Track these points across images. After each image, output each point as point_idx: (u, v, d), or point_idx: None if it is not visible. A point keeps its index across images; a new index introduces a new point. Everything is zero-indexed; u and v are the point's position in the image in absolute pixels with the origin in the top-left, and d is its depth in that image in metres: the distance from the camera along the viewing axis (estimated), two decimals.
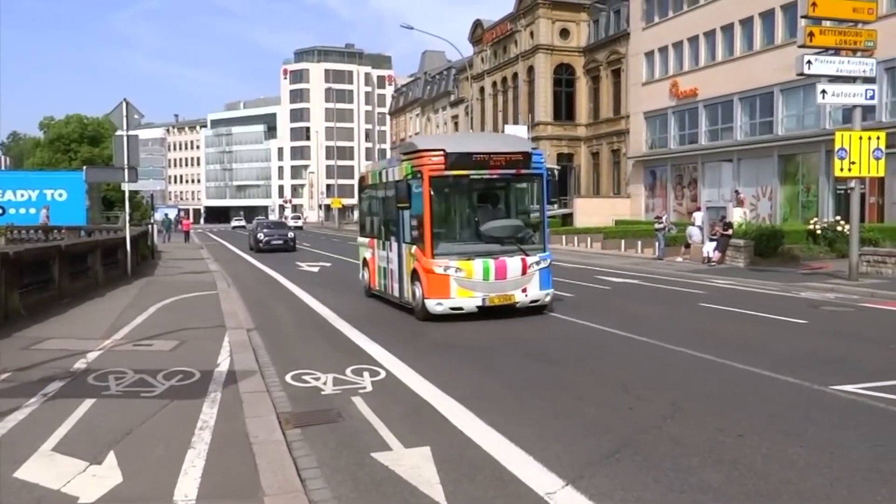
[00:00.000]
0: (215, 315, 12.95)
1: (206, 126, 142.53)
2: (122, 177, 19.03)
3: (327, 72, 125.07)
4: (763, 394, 7.76)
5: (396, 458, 5.82)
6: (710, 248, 23.99)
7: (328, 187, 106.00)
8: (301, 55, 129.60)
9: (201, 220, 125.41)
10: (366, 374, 8.76)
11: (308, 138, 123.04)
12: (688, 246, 26.24)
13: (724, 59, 37.93)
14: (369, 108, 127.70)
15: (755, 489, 5.16)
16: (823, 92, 16.97)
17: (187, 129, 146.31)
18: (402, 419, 6.96)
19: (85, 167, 33.70)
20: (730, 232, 23.68)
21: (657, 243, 27.51)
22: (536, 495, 5.09)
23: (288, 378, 8.58)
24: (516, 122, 49.28)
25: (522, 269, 12.98)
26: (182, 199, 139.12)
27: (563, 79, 51.36)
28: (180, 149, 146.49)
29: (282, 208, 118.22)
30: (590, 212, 44.82)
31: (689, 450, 5.96)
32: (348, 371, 8.88)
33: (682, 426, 6.64)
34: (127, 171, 18.74)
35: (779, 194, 34.86)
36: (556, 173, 14.01)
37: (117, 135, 19.46)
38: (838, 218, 23.85)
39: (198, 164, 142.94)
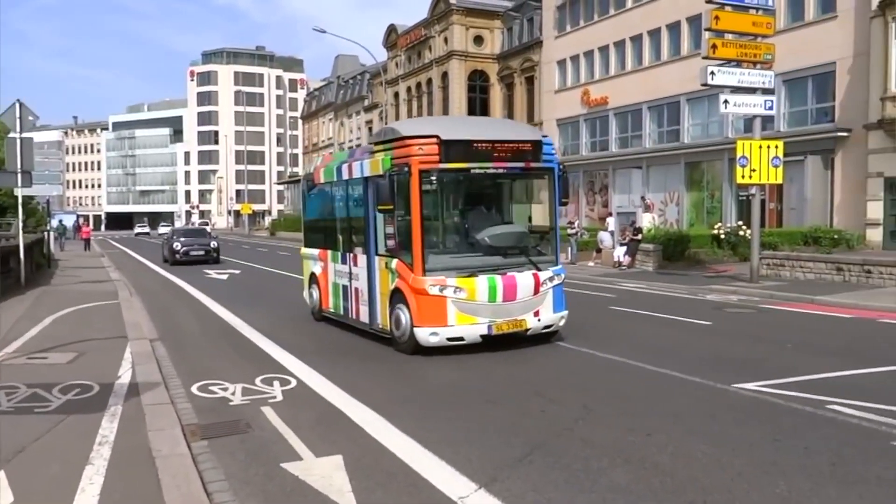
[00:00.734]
0: (117, 325, 12.43)
1: (107, 129, 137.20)
2: (16, 181, 18.06)
3: (237, 74, 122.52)
4: (670, 394, 7.97)
5: (307, 468, 5.70)
6: (620, 253, 24.60)
7: (238, 192, 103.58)
8: (209, 56, 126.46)
9: (102, 227, 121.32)
10: (276, 382, 8.56)
11: (217, 142, 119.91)
12: (599, 251, 26.84)
13: (633, 68, 39.03)
14: (281, 111, 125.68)
15: (661, 486, 5.28)
16: (726, 102, 17.63)
17: (87, 131, 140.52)
18: (314, 428, 6.83)
19: None
20: (639, 237, 24.38)
21: (569, 248, 28.02)
22: (449, 500, 5.09)
23: (194, 389, 8.29)
24: None
25: (535, 288, 10.50)
26: (81, 204, 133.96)
27: (478, 85, 51.87)
28: (79, 152, 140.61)
29: (188, 214, 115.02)
30: None
31: (599, 450, 6.06)
32: (258, 380, 8.66)
33: (592, 427, 6.76)
34: (20, 175, 17.78)
35: (685, 200, 36.10)
36: (566, 168, 11.63)
37: (10, 137, 18.47)
38: (741, 223, 24.79)
39: (98, 168, 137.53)
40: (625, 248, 24.49)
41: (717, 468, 5.62)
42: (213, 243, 31.54)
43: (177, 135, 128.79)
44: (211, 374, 9.08)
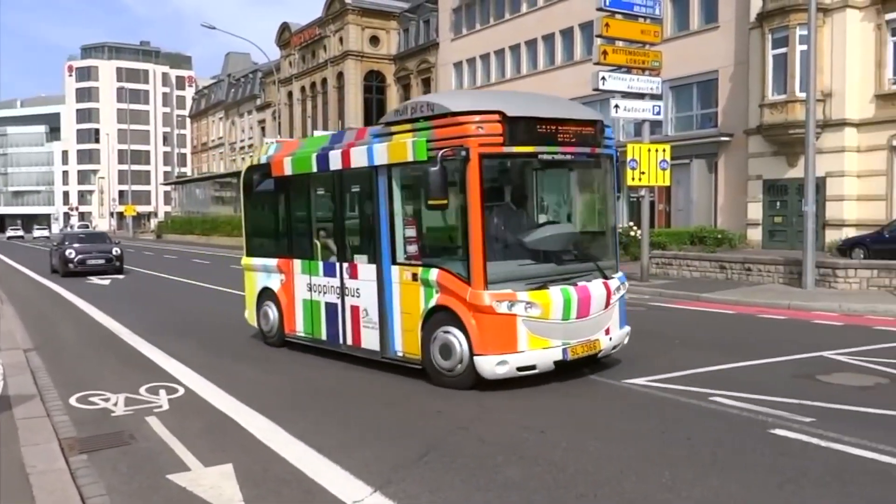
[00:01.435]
0: None
1: None
2: None
3: (119, 70, 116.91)
4: (566, 391, 8.12)
5: (195, 479, 5.49)
6: None
7: (121, 193, 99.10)
8: (89, 51, 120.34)
9: None
10: (162, 391, 8.21)
11: (97, 141, 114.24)
12: None
13: (528, 72, 39.74)
14: (167, 109, 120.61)
15: (554, 481, 5.37)
16: (616, 106, 18.21)
17: None
18: (202, 437, 6.58)
19: None
20: None
21: None
22: None
23: (72, 401, 7.84)
24: (326, 129, 48.91)
25: (606, 300, 8.68)
26: None
27: (374, 86, 51.71)
28: None
29: (67, 216, 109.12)
30: None
31: (494, 448, 6.10)
32: (142, 389, 8.27)
33: (488, 426, 6.81)
34: None
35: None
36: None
37: None
38: (632, 223, 25.61)
39: None
40: None
41: (606, 461, 5.77)
42: (116, 250, 26.93)
43: (53, 133, 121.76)
44: (91, 384, 8.60)
